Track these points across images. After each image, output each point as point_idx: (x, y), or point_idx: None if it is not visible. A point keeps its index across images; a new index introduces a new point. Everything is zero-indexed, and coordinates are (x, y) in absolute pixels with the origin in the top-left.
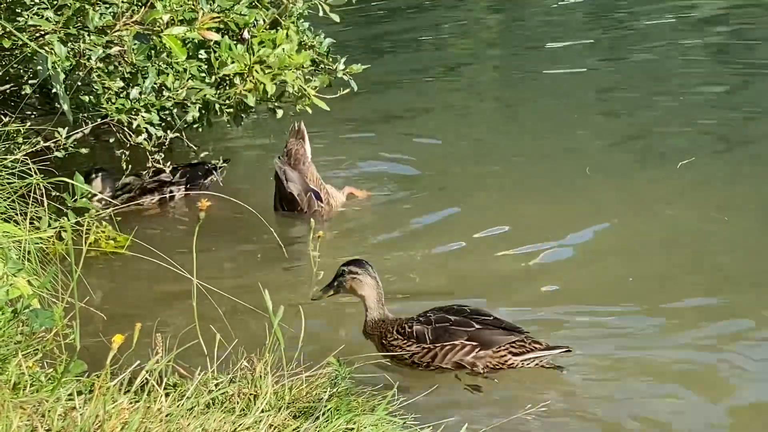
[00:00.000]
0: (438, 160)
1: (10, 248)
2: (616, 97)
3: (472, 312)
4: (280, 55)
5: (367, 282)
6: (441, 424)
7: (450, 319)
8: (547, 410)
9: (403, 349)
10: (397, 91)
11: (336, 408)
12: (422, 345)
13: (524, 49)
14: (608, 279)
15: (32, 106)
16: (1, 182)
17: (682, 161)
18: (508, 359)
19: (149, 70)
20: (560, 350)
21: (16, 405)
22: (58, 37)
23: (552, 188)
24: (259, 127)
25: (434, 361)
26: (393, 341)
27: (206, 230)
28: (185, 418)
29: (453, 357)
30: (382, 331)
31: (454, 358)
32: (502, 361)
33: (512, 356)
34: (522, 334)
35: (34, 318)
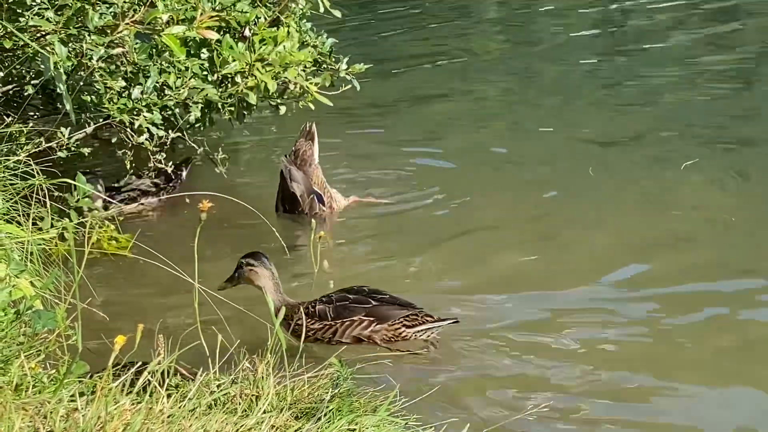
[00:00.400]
0: (443, 161)
1: (13, 249)
2: (619, 95)
3: (371, 291)
4: (281, 53)
5: (263, 273)
6: (443, 424)
7: (349, 298)
8: (549, 411)
9: (308, 329)
10: (399, 87)
11: (338, 409)
12: (324, 322)
13: (529, 45)
14: (613, 280)
15: (34, 107)
16: (3, 183)
17: (685, 161)
18: (402, 331)
19: (151, 70)
20: (449, 322)
21: (19, 406)
22: (58, 37)
23: (555, 188)
24: (262, 127)
25: (335, 336)
26: (299, 322)
27: (208, 231)
28: (187, 419)
29: (352, 332)
30: (287, 315)
31: (353, 333)
32: (396, 333)
33: (406, 329)
34: (415, 309)
35: (36, 319)
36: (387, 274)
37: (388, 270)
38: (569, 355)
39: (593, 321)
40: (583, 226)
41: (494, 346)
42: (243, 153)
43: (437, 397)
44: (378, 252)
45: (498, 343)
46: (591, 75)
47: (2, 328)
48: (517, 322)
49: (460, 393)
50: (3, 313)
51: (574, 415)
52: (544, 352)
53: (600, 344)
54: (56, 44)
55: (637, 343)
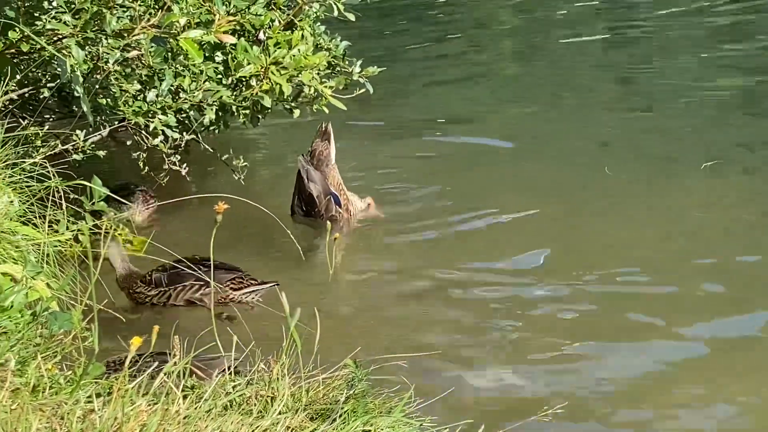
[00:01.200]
0: (454, 162)
1: (29, 251)
2: (635, 92)
3: (201, 259)
4: (296, 56)
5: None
6: (457, 426)
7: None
8: (564, 412)
9: (146, 295)
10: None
11: (353, 410)
12: (160, 288)
13: (542, 43)
14: (630, 281)
15: (50, 110)
16: (20, 185)
17: (705, 161)
18: (230, 294)
19: (166, 73)
20: (270, 285)
21: (36, 407)
22: (75, 40)
23: (572, 188)
24: (277, 130)
25: (170, 300)
26: (137, 289)
27: (223, 233)
28: (203, 420)
29: (184, 295)
30: (130, 284)
31: (185, 297)
32: (224, 296)
33: (233, 291)
34: (240, 273)
35: (52, 320)
36: (403, 274)
37: (404, 270)
38: (586, 358)
39: (610, 322)
40: (600, 224)
41: (511, 347)
42: (257, 156)
43: (452, 399)
44: (392, 253)
45: (515, 344)
46: (607, 71)
47: (19, 329)
48: (533, 323)
49: (476, 394)
50: (20, 315)
51: (590, 418)
52: (560, 354)
53: (619, 348)
54: (73, 47)
55: (657, 345)
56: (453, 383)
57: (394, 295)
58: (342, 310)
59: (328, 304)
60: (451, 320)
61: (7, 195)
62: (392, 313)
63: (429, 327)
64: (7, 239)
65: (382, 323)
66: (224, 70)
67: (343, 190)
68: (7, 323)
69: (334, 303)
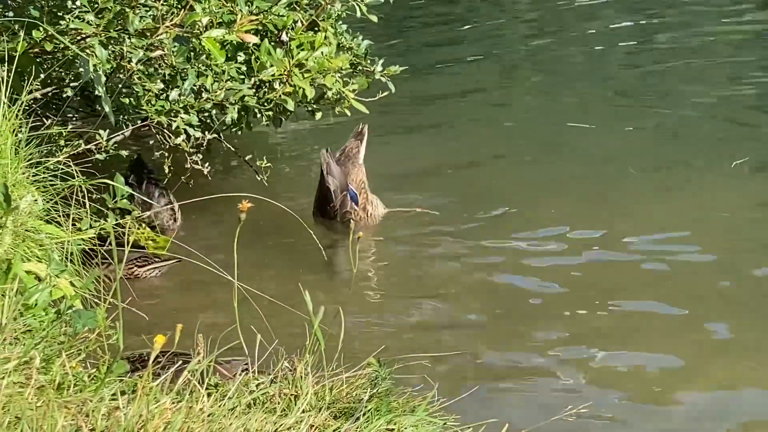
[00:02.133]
0: (477, 159)
1: (53, 249)
2: (656, 89)
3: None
4: (319, 59)
5: None
6: (481, 425)
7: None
8: (589, 411)
9: None
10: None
11: (376, 408)
12: None
13: (561, 39)
14: (653, 281)
15: (74, 109)
16: (44, 184)
17: (734, 160)
18: (135, 271)
19: (189, 72)
20: (173, 261)
21: (61, 405)
22: (99, 40)
23: (595, 188)
24: (299, 130)
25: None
26: None
27: (246, 232)
28: (227, 418)
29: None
30: None
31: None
32: (130, 272)
33: (137, 268)
34: (145, 252)
35: (77, 319)
36: (428, 274)
37: (428, 270)
38: (612, 358)
39: (640, 324)
40: (629, 223)
41: (536, 348)
42: (279, 156)
43: (476, 398)
44: (416, 252)
45: (539, 344)
46: (632, 66)
47: (43, 327)
48: (558, 323)
49: (499, 393)
50: (44, 313)
51: (616, 417)
52: (585, 356)
53: (648, 348)
54: (96, 47)
55: (685, 348)
56: (477, 382)
57: (418, 293)
58: (365, 309)
59: (352, 303)
60: (475, 320)
61: (31, 194)
62: (416, 312)
63: (453, 326)
64: (31, 238)
65: (405, 322)
66: (247, 70)
67: (364, 189)
68: (31, 321)
69: (357, 302)
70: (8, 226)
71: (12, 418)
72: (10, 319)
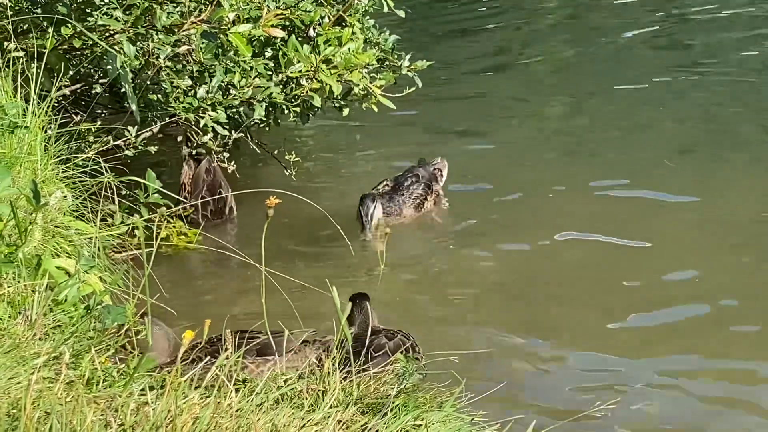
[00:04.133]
0: (506, 157)
1: (83, 245)
2: (687, 80)
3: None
4: (346, 55)
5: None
6: (509, 421)
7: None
8: (617, 408)
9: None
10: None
11: (404, 404)
12: None
13: (590, 38)
14: (689, 279)
15: (102, 105)
16: (73, 180)
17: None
18: None
19: (216, 69)
20: None
21: (90, 400)
22: (127, 36)
23: (631, 180)
24: (326, 126)
25: None
26: None
27: (274, 227)
28: (255, 414)
29: None
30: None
31: None
32: None
33: None
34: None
35: (106, 314)
36: (455, 270)
37: (456, 266)
38: (641, 354)
39: (669, 320)
40: (665, 220)
41: (564, 345)
42: (307, 153)
43: (503, 394)
44: (444, 248)
45: (566, 340)
46: (666, 59)
47: (73, 322)
48: (587, 321)
49: (527, 389)
50: (73, 308)
51: (644, 413)
52: (613, 350)
53: (677, 345)
54: (125, 43)
55: (717, 348)
56: (504, 378)
57: (446, 290)
58: (392, 305)
59: (379, 299)
60: (503, 316)
61: (61, 190)
62: (443, 308)
63: (480, 322)
64: (61, 234)
65: (433, 318)
66: (274, 66)
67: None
68: (61, 317)
69: (384, 298)
70: (38, 222)
71: (42, 413)
72: (40, 314)
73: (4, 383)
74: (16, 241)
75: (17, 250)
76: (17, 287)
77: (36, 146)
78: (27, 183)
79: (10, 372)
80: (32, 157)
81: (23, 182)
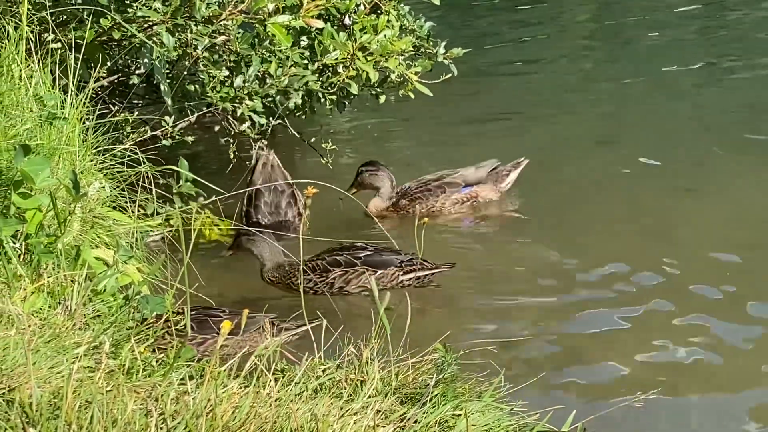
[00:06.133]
0: (547, 149)
1: (120, 236)
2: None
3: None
4: (382, 42)
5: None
6: (548, 411)
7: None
8: (657, 398)
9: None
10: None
11: (443, 394)
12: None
13: (626, 36)
14: (733, 274)
15: (139, 96)
16: (111, 171)
17: None
18: (400, 278)
19: (253, 59)
20: (447, 266)
21: (131, 389)
22: (165, 27)
23: (670, 180)
24: (360, 115)
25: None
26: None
27: (311, 218)
28: (294, 403)
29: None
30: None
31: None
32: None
33: (402, 275)
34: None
35: (144, 304)
36: (494, 259)
37: (495, 256)
38: (678, 342)
39: (712, 317)
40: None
41: (603, 335)
42: (343, 141)
43: (542, 384)
44: (482, 236)
45: (605, 330)
46: (702, 49)
47: (112, 312)
48: (628, 312)
49: (566, 380)
50: (112, 299)
51: (686, 403)
52: (654, 345)
53: (718, 335)
54: (164, 34)
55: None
56: (543, 368)
57: (485, 279)
58: (431, 294)
59: (418, 289)
60: (541, 306)
61: (99, 181)
62: (482, 298)
63: (518, 312)
64: (99, 224)
65: (471, 307)
66: (310, 55)
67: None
68: (100, 307)
69: (422, 288)
70: (77, 213)
71: (83, 401)
72: (79, 304)
73: (45, 372)
74: (55, 231)
75: (57, 240)
76: (57, 277)
77: (74, 137)
78: (66, 174)
79: (50, 361)
80: (71, 148)
81: (62, 173)
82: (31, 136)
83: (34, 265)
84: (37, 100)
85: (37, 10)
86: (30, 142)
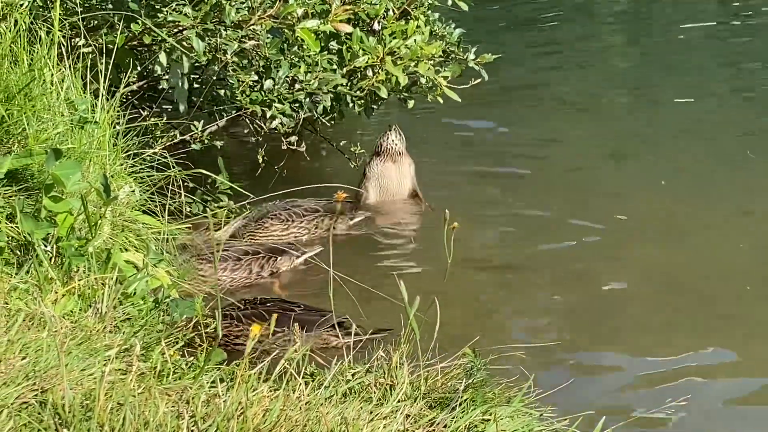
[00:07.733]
0: (577, 154)
1: (150, 239)
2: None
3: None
4: (412, 47)
5: None
6: (578, 417)
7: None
8: (688, 405)
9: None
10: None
11: (472, 399)
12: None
13: (658, 34)
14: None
15: (169, 101)
16: (141, 175)
17: None
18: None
19: (282, 63)
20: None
21: (162, 392)
22: (195, 32)
23: (711, 174)
24: (383, 120)
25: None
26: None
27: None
28: (324, 406)
29: None
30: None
31: None
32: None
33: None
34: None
35: (174, 308)
36: (524, 265)
37: (524, 261)
38: (712, 353)
39: (743, 321)
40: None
41: (634, 339)
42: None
43: (572, 390)
44: (512, 242)
45: (637, 336)
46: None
47: (142, 315)
48: (657, 317)
49: (596, 385)
50: (142, 302)
51: (719, 410)
52: (684, 350)
53: (752, 345)
54: (194, 39)
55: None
56: (574, 374)
57: (514, 284)
58: (460, 299)
59: (447, 293)
60: (570, 311)
61: (129, 185)
62: (511, 303)
63: (548, 317)
64: (129, 228)
65: (501, 312)
66: (338, 60)
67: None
68: (130, 309)
69: (452, 292)
70: (107, 216)
71: (114, 404)
72: (110, 307)
73: (77, 375)
74: (86, 235)
75: (87, 243)
76: (88, 280)
77: (105, 141)
78: (96, 177)
79: (82, 363)
80: (101, 152)
81: (92, 177)
82: (62, 140)
83: (65, 268)
84: (68, 105)
85: (68, 15)
86: (61, 146)
